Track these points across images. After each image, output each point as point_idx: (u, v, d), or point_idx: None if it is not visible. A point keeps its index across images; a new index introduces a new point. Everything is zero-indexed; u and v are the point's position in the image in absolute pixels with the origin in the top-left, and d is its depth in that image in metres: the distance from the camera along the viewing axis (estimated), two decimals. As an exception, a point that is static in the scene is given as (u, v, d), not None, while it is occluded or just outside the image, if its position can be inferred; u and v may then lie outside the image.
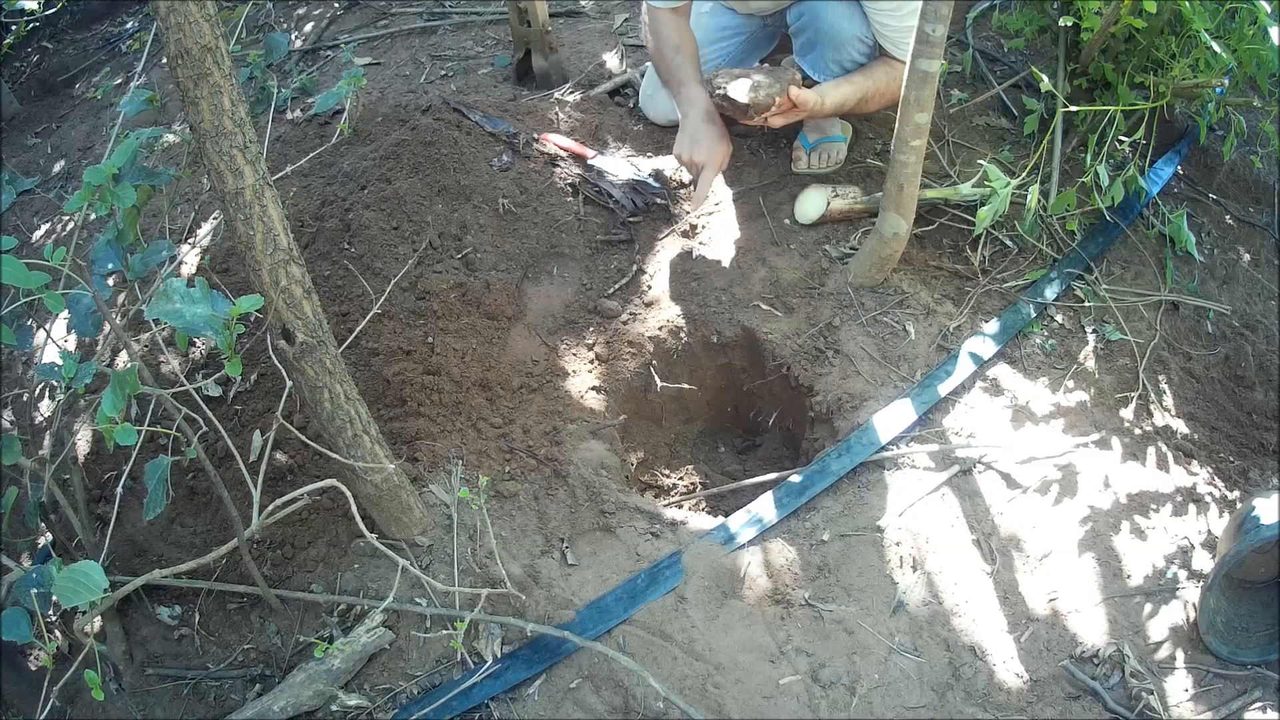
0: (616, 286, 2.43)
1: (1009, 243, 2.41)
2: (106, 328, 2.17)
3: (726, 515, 2.01)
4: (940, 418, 2.07)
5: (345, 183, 2.48)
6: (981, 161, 2.32)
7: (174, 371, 2.15)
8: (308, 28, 3.49)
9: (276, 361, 1.50)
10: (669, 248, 2.49)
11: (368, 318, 2.00)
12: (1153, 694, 1.64)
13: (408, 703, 1.71)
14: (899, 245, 2.20)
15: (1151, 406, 2.15)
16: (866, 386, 2.14)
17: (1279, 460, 2.22)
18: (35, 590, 1.44)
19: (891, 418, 2.06)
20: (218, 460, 2.00)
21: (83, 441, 2.16)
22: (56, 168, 3.26)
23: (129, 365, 1.46)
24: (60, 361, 1.58)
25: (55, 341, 2.19)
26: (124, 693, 1.82)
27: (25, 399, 2.26)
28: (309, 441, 1.63)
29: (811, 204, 2.42)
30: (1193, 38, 2.29)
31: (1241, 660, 1.72)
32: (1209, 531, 1.92)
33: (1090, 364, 2.19)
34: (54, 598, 1.46)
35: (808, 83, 2.40)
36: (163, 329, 2.21)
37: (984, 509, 1.92)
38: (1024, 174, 2.29)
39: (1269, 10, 2.13)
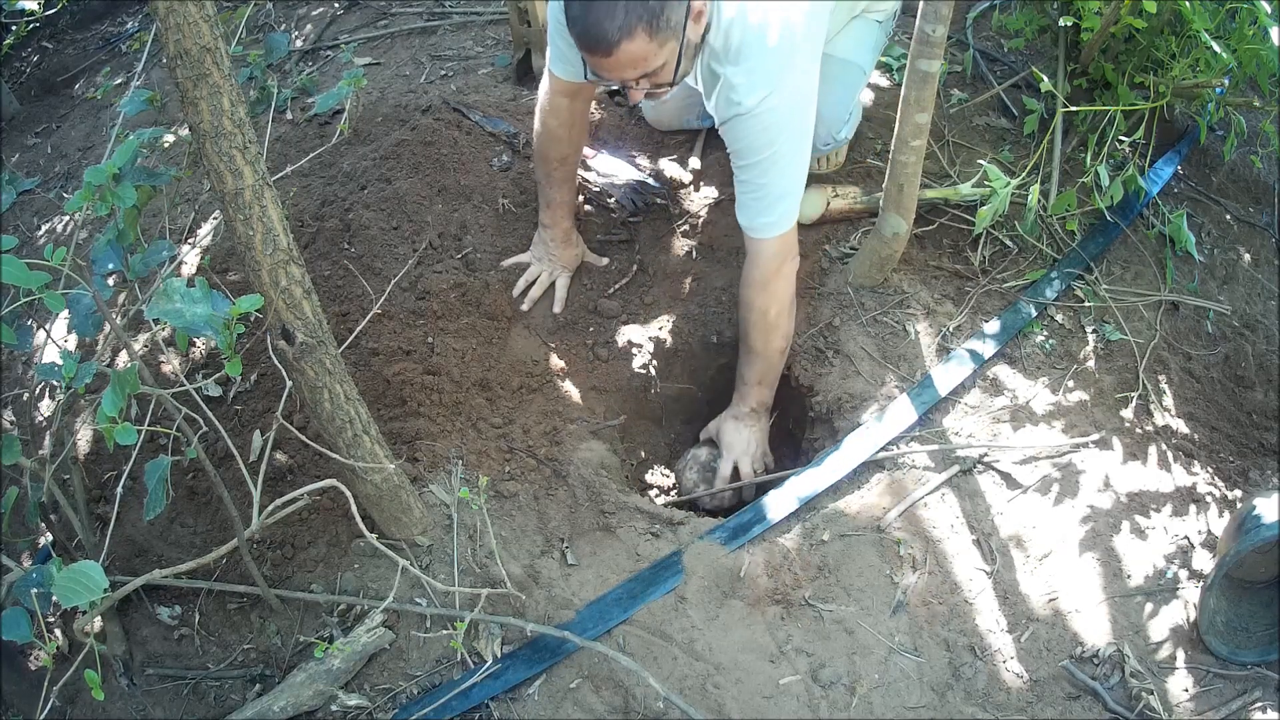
0: (616, 286, 2.43)
1: (1009, 243, 2.41)
2: (106, 328, 2.17)
3: (726, 515, 2.01)
4: (940, 418, 2.07)
5: (345, 183, 2.48)
6: (981, 161, 2.32)
7: (174, 371, 2.15)
8: (308, 28, 3.49)
9: (276, 361, 1.50)
10: (669, 248, 2.49)
11: (368, 318, 2.00)
12: (1153, 694, 1.64)
13: (408, 703, 1.71)
14: (899, 245, 2.20)
15: (1151, 406, 2.15)
16: (866, 386, 2.14)
17: (1279, 460, 2.22)
18: (35, 590, 1.44)
19: (891, 418, 2.06)
20: (218, 460, 2.00)
21: (83, 441, 2.16)
22: (56, 168, 3.26)
23: (129, 365, 1.46)
24: (60, 361, 1.58)
25: (55, 341, 2.19)
26: (136, 687, 1.82)
27: (25, 399, 2.26)
28: (309, 441, 1.63)
29: (811, 204, 2.41)
30: (1193, 38, 2.28)
31: (1241, 660, 1.72)
32: (1209, 531, 1.92)
33: (1090, 364, 2.19)
34: (54, 598, 1.46)
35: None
36: (163, 329, 2.21)
37: (984, 509, 1.92)
38: (1024, 174, 2.29)
39: (1269, 10, 2.12)
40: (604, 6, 1.67)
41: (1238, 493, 2.05)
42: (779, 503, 1.97)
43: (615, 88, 2.90)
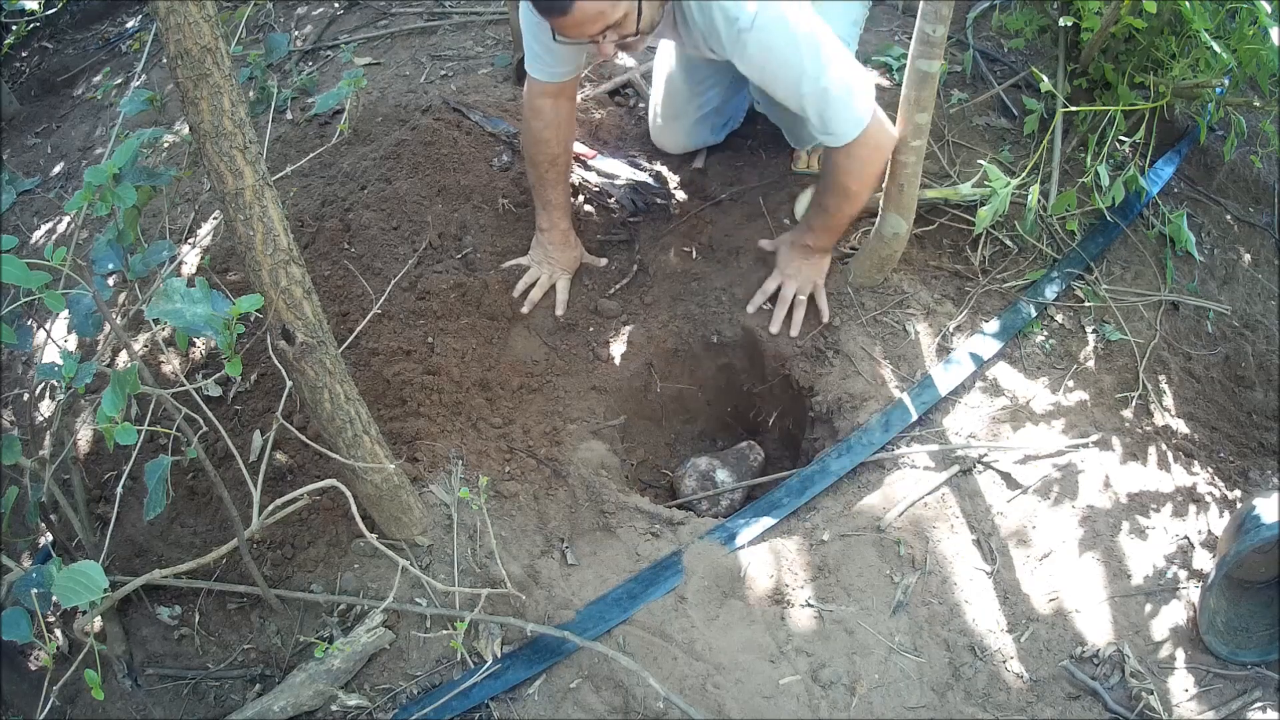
0: (616, 286, 2.43)
1: (1009, 243, 2.41)
2: (106, 328, 2.17)
3: (727, 515, 2.01)
4: (940, 418, 2.07)
5: (345, 183, 2.48)
6: (981, 161, 2.32)
7: (174, 371, 2.15)
8: (308, 28, 3.49)
9: (276, 361, 1.50)
10: (669, 248, 2.49)
11: (368, 318, 2.00)
12: (1153, 694, 1.64)
13: (408, 703, 1.71)
14: (899, 245, 2.20)
15: (1151, 406, 2.15)
16: (866, 386, 2.14)
17: (1279, 460, 2.22)
18: (35, 590, 1.44)
19: (891, 418, 2.06)
20: (218, 460, 2.00)
21: (83, 441, 2.16)
22: (56, 168, 3.26)
23: (129, 365, 1.46)
24: (60, 361, 1.58)
25: (55, 341, 2.19)
26: (140, 688, 1.82)
27: (25, 399, 2.26)
28: (309, 441, 1.63)
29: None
30: (1193, 38, 2.29)
31: (1241, 660, 1.72)
32: (1209, 531, 1.92)
33: (1090, 364, 2.19)
34: (54, 598, 1.46)
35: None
36: (163, 329, 2.21)
37: (984, 509, 1.92)
38: (1024, 174, 2.29)
39: (1269, 10, 2.12)
40: None
41: (1238, 493, 2.05)
42: (779, 502, 1.97)
43: (624, 82, 2.90)
